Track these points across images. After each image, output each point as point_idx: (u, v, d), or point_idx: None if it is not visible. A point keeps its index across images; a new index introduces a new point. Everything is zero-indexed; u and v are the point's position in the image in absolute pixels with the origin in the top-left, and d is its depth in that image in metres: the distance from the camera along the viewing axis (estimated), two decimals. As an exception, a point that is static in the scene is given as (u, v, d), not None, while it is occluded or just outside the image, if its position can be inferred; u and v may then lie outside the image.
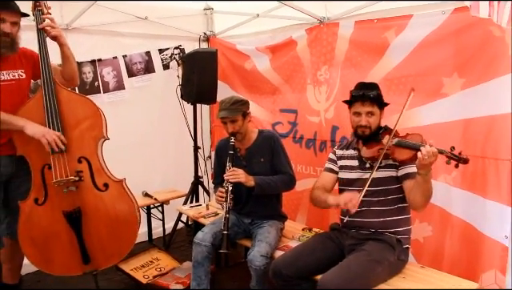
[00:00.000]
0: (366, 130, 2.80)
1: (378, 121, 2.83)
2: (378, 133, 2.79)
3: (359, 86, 2.87)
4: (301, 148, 4.23)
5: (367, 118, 2.78)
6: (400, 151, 2.61)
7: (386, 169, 2.78)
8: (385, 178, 2.78)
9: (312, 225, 3.73)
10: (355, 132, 2.88)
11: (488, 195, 2.93)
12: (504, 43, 2.76)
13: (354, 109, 2.84)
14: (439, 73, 3.11)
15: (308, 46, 4.02)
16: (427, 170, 2.49)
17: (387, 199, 2.79)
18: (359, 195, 2.67)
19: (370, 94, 2.78)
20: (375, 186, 2.78)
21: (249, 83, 4.68)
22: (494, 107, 2.85)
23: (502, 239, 2.83)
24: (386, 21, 3.40)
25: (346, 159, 3.01)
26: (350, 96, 2.88)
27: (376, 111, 2.80)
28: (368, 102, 2.78)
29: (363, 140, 2.86)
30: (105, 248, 3.06)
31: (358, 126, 2.82)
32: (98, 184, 3.03)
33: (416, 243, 3.19)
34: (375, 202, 2.80)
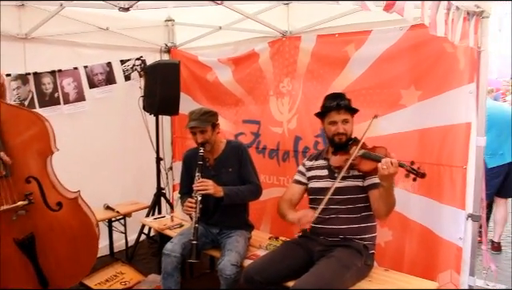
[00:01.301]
0: (343, 137, 2.92)
1: (352, 128, 2.97)
2: (348, 143, 2.92)
3: (331, 96, 3.00)
4: (264, 158, 4.32)
5: (343, 125, 2.91)
6: (364, 163, 2.74)
7: (353, 179, 2.91)
8: (352, 187, 2.90)
9: (276, 233, 3.81)
10: (332, 141, 2.99)
11: (443, 200, 3.11)
12: (455, 59, 2.98)
13: (329, 119, 2.95)
14: (397, 85, 3.29)
15: (270, 59, 4.13)
16: (389, 182, 2.62)
17: (354, 208, 2.90)
18: (314, 213, 2.80)
19: (343, 102, 2.92)
20: (343, 194, 2.90)
21: (211, 95, 4.73)
22: (448, 118, 3.05)
23: (456, 240, 3.01)
24: (346, 35, 3.57)
25: (315, 169, 3.12)
26: (322, 108, 3.00)
27: (350, 119, 2.95)
28: (343, 111, 2.91)
29: (333, 149, 2.99)
30: (64, 269, 2.94)
31: (336, 134, 2.93)
32: (50, 204, 2.86)
33: (378, 248, 3.30)
34: (343, 210, 2.91)
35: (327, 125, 2.97)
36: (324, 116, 2.98)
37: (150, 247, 4.95)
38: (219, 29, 4.48)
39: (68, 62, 4.36)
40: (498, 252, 5.09)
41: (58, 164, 3.07)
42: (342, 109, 2.90)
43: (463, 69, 2.94)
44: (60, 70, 4.29)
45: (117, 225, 4.52)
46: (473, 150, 2.97)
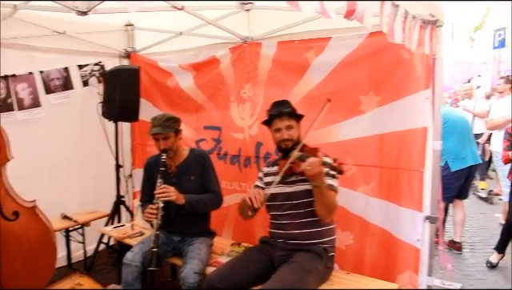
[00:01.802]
0: (289, 142, 2.95)
1: (298, 133, 3.01)
2: (293, 148, 2.95)
3: (274, 105, 3.07)
4: (225, 164, 4.30)
5: (287, 131, 2.96)
6: (300, 165, 2.78)
7: (302, 183, 2.94)
8: (303, 191, 2.93)
9: (238, 240, 3.80)
10: (279, 147, 3.03)
11: (402, 203, 3.19)
12: (412, 65, 3.07)
13: (274, 126, 3.01)
14: (357, 91, 3.36)
15: (232, 65, 4.13)
16: (317, 181, 2.68)
17: (308, 211, 2.92)
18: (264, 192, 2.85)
19: (284, 109, 2.98)
20: (295, 199, 2.95)
21: (172, 101, 4.68)
22: (405, 123, 3.14)
23: (414, 242, 3.09)
24: (306, 42, 3.61)
25: (270, 175, 3.15)
26: (268, 116, 3.05)
27: (294, 124, 2.99)
28: (285, 117, 2.97)
29: (283, 154, 3.02)
30: (21, 281, 2.85)
31: (281, 140, 2.98)
32: (6, 214, 2.78)
33: (339, 251, 3.36)
34: (298, 214, 2.94)
35: (273, 132, 3.03)
36: (270, 124, 3.03)
37: (110, 257, 4.82)
38: (180, 34, 4.44)
39: (22, 66, 4.21)
40: (460, 252, 5.26)
41: (12, 173, 2.96)
42: (284, 116, 2.96)
43: (419, 75, 3.03)
44: (14, 75, 4.14)
45: (75, 235, 4.39)
46: (429, 154, 3.06)
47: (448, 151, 4.93)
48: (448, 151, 4.93)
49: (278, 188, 3.02)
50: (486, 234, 5.94)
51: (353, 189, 3.40)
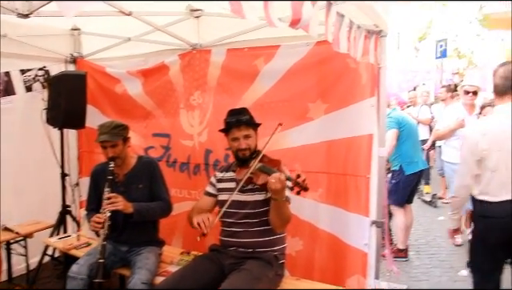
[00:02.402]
0: (246, 152, 2.94)
1: (256, 142, 3.00)
2: (251, 157, 2.95)
3: (231, 113, 3.03)
4: (174, 172, 4.25)
5: (245, 141, 2.94)
6: (260, 176, 2.79)
7: (258, 192, 2.94)
8: (258, 201, 2.94)
9: (188, 248, 3.75)
10: (237, 156, 3.01)
11: (350, 208, 3.25)
12: (358, 74, 3.15)
13: (231, 135, 2.98)
14: (305, 99, 3.41)
15: (181, 72, 4.09)
16: (278, 196, 2.67)
17: (262, 221, 2.93)
18: (213, 219, 2.82)
19: (243, 118, 2.96)
20: (250, 208, 2.95)
21: (120, 107, 4.57)
22: (352, 130, 3.21)
23: (362, 246, 3.15)
24: (255, 50, 3.64)
25: (225, 181, 3.13)
26: (225, 124, 3.02)
27: (252, 133, 2.98)
28: (243, 127, 2.94)
29: (239, 163, 3.01)
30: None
31: (238, 149, 2.95)
32: None
33: (289, 257, 3.39)
34: (252, 223, 2.94)
35: (231, 141, 3.01)
36: (227, 132, 3.01)
37: (55, 269, 4.63)
38: (128, 40, 4.35)
39: (-41, 70, 4.00)
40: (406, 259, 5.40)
41: None
42: (242, 125, 2.94)
43: (365, 83, 3.12)
44: (-51, 80, 3.94)
45: (17, 247, 4.19)
46: (375, 160, 3.13)
47: (402, 154, 5.11)
48: (403, 155, 5.11)
49: (234, 196, 2.98)
50: (430, 236, 6.17)
51: (302, 196, 3.43)
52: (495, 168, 2.75)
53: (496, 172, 2.75)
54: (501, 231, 2.75)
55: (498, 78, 2.84)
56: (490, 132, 2.77)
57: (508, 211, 2.72)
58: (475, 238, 2.96)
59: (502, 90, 2.83)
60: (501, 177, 2.74)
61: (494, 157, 2.74)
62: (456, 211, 3.07)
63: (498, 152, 2.73)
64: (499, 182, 2.75)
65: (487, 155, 2.76)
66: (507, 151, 2.70)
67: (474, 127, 2.98)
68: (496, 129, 2.78)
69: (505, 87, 2.81)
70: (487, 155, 2.76)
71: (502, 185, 2.74)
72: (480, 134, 2.81)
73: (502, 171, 2.73)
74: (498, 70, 2.86)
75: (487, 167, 2.78)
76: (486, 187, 2.81)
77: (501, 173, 2.74)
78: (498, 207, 2.76)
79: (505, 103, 2.83)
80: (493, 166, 2.75)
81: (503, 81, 2.80)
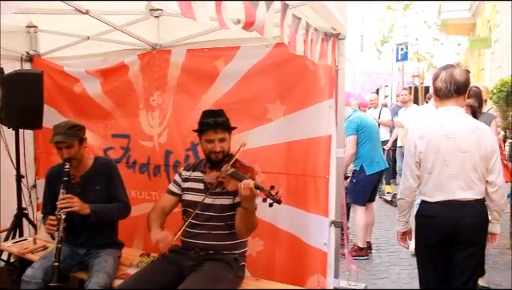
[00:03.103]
0: (220, 155, 2.93)
1: (229, 145, 2.99)
2: (223, 160, 2.93)
3: (207, 114, 2.99)
4: (134, 173, 4.19)
5: (220, 144, 2.92)
6: (231, 182, 2.78)
7: (226, 196, 2.93)
8: (225, 205, 2.94)
9: (149, 250, 3.69)
10: (208, 158, 2.98)
11: (309, 209, 3.28)
12: (317, 75, 3.18)
13: (206, 137, 2.94)
14: (264, 100, 3.42)
15: (140, 72, 4.04)
16: (248, 204, 2.68)
17: (227, 225, 2.93)
18: (172, 238, 2.82)
19: (219, 120, 2.94)
20: (215, 211, 2.94)
21: (78, 107, 4.47)
22: (311, 131, 3.24)
23: (322, 246, 3.19)
24: (215, 51, 3.63)
25: (192, 181, 3.10)
26: (200, 125, 2.98)
27: (227, 136, 2.96)
28: (220, 129, 2.92)
29: (210, 165, 3.00)
30: None
31: (212, 152, 2.93)
32: None
33: (250, 258, 3.39)
34: (215, 226, 2.94)
35: (204, 142, 2.97)
36: (201, 133, 2.98)
37: (10, 275, 4.48)
38: (87, 39, 4.25)
39: None
40: (370, 251, 5.52)
41: None
42: (219, 127, 2.92)
43: (323, 85, 3.15)
44: None
45: (-32, 253, 4.05)
46: (333, 160, 3.18)
47: (363, 155, 5.21)
48: (363, 156, 5.21)
49: (199, 197, 2.97)
50: (391, 234, 6.29)
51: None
52: (431, 170, 2.80)
53: (432, 174, 2.81)
54: (438, 230, 2.83)
55: (441, 82, 2.86)
56: (427, 135, 2.82)
57: (443, 212, 2.80)
58: (417, 236, 3.02)
59: (444, 94, 2.86)
60: (436, 178, 2.81)
61: (430, 159, 2.80)
62: (403, 213, 3.06)
63: (433, 155, 2.79)
64: (434, 183, 2.81)
65: (424, 157, 2.82)
66: (442, 153, 2.77)
67: (413, 130, 3.00)
68: (433, 132, 2.82)
69: (447, 91, 2.84)
70: (424, 157, 2.82)
71: (437, 186, 2.81)
72: (418, 137, 2.85)
73: (437, 173, 2.80)
74: (440, 74, 2.89)
75: (424, 169, 2.84)
76: (423, 187, 2.88)
77: (436, 175, 2.80)
78: (434, 207, 2.84)
79: (444, 107, 2.88)
80: (429, 168, 2.81)
81: (446, 85, 2.84)
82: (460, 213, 2.77)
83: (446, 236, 2.82)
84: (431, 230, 2.87)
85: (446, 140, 2.77)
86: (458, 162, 2.76)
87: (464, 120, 2.86)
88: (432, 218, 2.85)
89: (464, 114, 2.93)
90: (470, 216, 2.78)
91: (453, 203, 2.78)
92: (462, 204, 2.77)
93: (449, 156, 2.77)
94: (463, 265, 2.84)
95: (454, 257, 2.87)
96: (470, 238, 2.80)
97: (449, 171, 2.77)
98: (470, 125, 2.83)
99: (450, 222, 2.78)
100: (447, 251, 2.88)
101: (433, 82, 2.94)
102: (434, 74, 2.96)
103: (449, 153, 2.76)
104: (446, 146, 2.77)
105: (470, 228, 2.79)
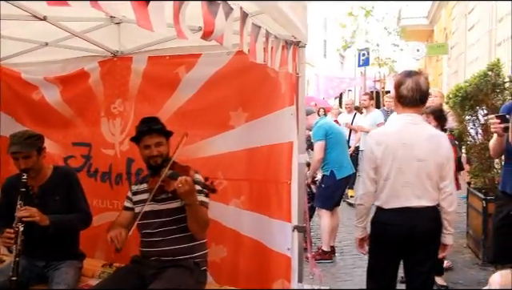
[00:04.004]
0: (158, 159, 2.96)
1: (167, 150, 3.02)
2: (163, 165, 2.95)
3: (144, 121, 3.07)
4: (96, 182, 4.12)
5: (157, 148, 2.96)
6: (170, 183, 2.81)
7: (173, 200, 2.96)
8: (174, 209, 2.95)
9: (111, 260, 3.63)
10: (148, 164, 3.02)
11: (272, 215, 3.31)
12: (278, 83, 3.23)
13: (143, 143, 3.00)
14: (226, 107, 3.44)
15: (101, 79, 3.98)
16: (189, 199, 2.73)
17: (180, 228, 2.94)
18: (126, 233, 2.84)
19: (154, 126, 3.00)
20: (167, 217, 2.95)
21: (37, 115, 4.35)
22: (273, 137, 3.28)
23: (285, 251, 3.21)
24: (177, 58, 3.63)
25: (140, 193, 3.11)
26: (137, 132, 3.02)
27: (163, 141, 3.01)
28: (155, 134, 2.98)
29: (151, 172, 3.01)
30: None
31: (150, 157, 2.97)
32: None
33: (214, 264, 3.41)
34: (169, 231, 2.95)
35: (142, 149, 3.02)
36: (139, 141, 3.02)
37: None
38: (45, 45, 4.16)
39: None
40: (334, 255, 5.59)
41: None
42: (154, 132, 2.97)
43: (284, 92, 3.20)
44: None
45: None
46: (295, 166, 3.21)
47: (333, 160, 5.30)
48: (333, 161, 5.30)
49: (148, 206, 2.98)
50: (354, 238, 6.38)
51: (225, 203, 3.47)
52: (387, 177, 2.83)
53: (387, 181, 2.84)
54: (392, 237, 2.86)
55: (407, 90, 2.85)
56: (384, 142, 2.84)
57: (397, 219, 2.83)
58: (370, 243, 3.05)
59: (410, 102, 2.86)
60: (391, 186, 2.83)
61: (386, 166, 2.82)
62: (361, 218, 3.05)
63: (390, 162, 2.81)
64: (390, 190, 2.84)
65: (381, 164, 2.84)
66: (399, 161, 2.80)
67: (371, 136, 3.02)
68: (391, 139, 2.85)
69: (414, 100, 2.84)
70: (381, 164, 2.84)
71: (392, 193, 2.84)
72: (375, 143, 2.87)
73: (392, 180, 2.82)
74: (405, 81, 2.86)
75: (381, 175, 2.86)
76: (379, 194, 2.89)
77: (391, 182, 2.83)
78: (388, 214, 2.86)
79: (405, 114, 2.89)
80: (385, 174, 2.83)
81: (412, 93, 2.83)
82: (414, 220, 2.81)
83: (400, 243, 2.86)
84: (385, 237, 2.90)
85: (404, 148, 2.80)
86: (414, 170, 2.79)
87: (422, 128, 2.90)
88: (387, 225, 2.87)
89: (423, 122, 2.97)
90: (424, 223, 2.83)
91: (407, 210, 2.81)
92: (417, 211, 2.82)
93: (405, 164, 2.79)
94: (417, 271, 2.92)
95: (409, 263, 2.94)
96: (423, 244, 2.86)
97: (404, 178, 2.80)
98: (428, 133, 2.89)
99: (405, 229, 2.81)
100: (400, 257, 2.94)
101: (396, 89, 2.92)
102: (398, 81, 2.92)
103: (405, 161, 2.79)
104: (402, 153, 2.79)
105: (424, 235, 2.84)
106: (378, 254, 3.00)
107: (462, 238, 5.91)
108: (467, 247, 5.71)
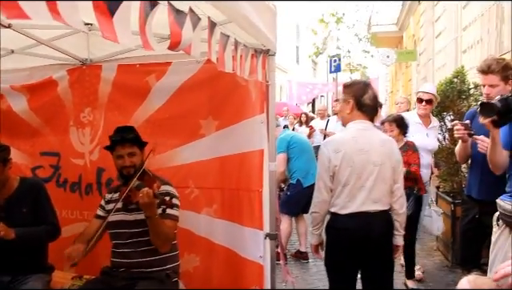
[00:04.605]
0: (131, 169, 2.93)
1: (141, 160, 2.99)
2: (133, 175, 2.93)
3: (117, 130, 3.04)
4: (65, 192, 4.04)
5: (129, 158, 2.94)
6: (136, 194, 2.78)
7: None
8: (143, 219, 2.87)
9: (82, 272, 3.58)
10: (121, 174, 2.99)
11: (244, 223, 3.31)
12: (248, 91, 3.24)
13: (116, 153, 2.97)
14: (197, 115, 3.44)
15: (70, 87, 3.92)
16: (148, 212, 2.72)
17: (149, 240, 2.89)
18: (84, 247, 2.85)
19: (128, 136, 2.97)
20: (137, 227, 2.91)
21: (3, 125, 4.21)
22: (243, 145, 3.29)
23: (258, 259, 3.21)
24: (147, 66, 3.62)
25: (113, 202, 3.06)
26: (110, 141, 3.00)
27: (137, 151, 2.98)
28: (128, 145, 2.95)
29: (123, 181, 2.98)
30: None
31: (123, 167, 2.94)
32: None
33: (187, 274, 3.40)
34: (140, 242, 2.91)
35: (115, 159, 3.00)
36: (112, 150, 3.00)
37: None
38: (11, 52, 4.07)
39: None
40: (307, 261, 5.64)
41: None
42: (126, 142, 2.95)
43: (255, 100, 3.21)
44: None
45: None
46: (266, 174, 3.22)
47: (299, 169, 5.39)
48: (299, 169, 5.39)
49: (119, 216, 2.96)
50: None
51: (197, 212, 3.46)
52: (346, 183, 2.87)
53: (346, 187, 2.88)
54: (349, 242, 2.90)
55: (369, 99, 2.95)
56: (342, 149, 2.88)
57: (353, 224, 2.88)
58: (327, 249, 3.07)
59: (371, 111, 2.98)
60: (349, 191, 2.87)
61: (345, 172, 2.86)
62: (317, 226, 3.06)
63: (350, 168, 2.85)
64: (347, 195, 2.88)
65: (338, 171, 2.87)
66: (357, 166, 2.85)
67: (326, 145, 3.01)
68: (348, 146, 2.89)
69: (374, 108, 2.99)
70: (338, 171, 2.87)
71: (349, 198, 2.88)
72: (332, 151, 2.90)
73: (350, 186, 2.87)
74: (366, 91, 2.96)
75: (338, 182, 2.89)
76: (335, 199, 2.92)
77: (349, 187, 2.87)
78: (344, 219, 2.89)
79: (359, 121, 2.96)
80: (343, 181, 2.87)
81: (374, 102, 2.96)
82: (370, 224, 2.87)
83: (356, 248, 2.90)
84: (342, 242, 2.94)
85: (360, 153, 2.86)
86: (371, 174, 2.86)
87: (375, 134, 3.00)
88: (343, 230, 2.91)
89: (374, 128, 3.05)
90: (379, 226, 2.91)
91: (363, 214, 2.86)
92: (372, 215, 2.88)
93: (362, 169, 2.86)
94: (375, 274, 2.98)
95: (367, 268, 2.99)
96: (379, 247, 2.93)
97: (361, 183, 2.86)
98: (380, 138, 3.00)
99: (362, 233, 2.86)
100: (358, 262, 2.97)
101: (358, 98, 2.96)
102: (360, 90, 2.99)
103: (362, 166, 2.85)
104: (360, 159, 2.86)
105: (380, 238, 2.91)
106: (335, 260, 3.02)
107: (433, 241, 6.03)
108: (437, 250, 5.83)
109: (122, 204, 2.94)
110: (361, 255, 2.93)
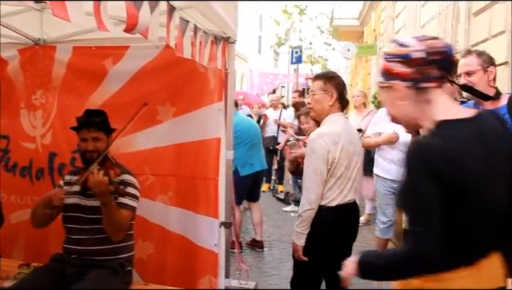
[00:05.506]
0: (94, 154, 2.85)
1: (106, 146, 2.91)
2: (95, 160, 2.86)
3: (85, 113, 2.96)
4: (15, 177, 3.88)
5: (93, 143, 2.86)
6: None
7: None
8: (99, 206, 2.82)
9: (31, 259, 3.48)
10: (84, 157, 2.91)
11: (199, 211, 3.30)
12: (207, 78, 3.22)
13: (81, 135, 2.90)
14: (154, 101, 3.36)
15: (21, 68, 3.76)
16: (102, 199, 2.69)
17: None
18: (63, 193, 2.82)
19: (94, 120, 2.89)
20: (94, 214, 2.84)
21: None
22: (200, 133, 3.26)
23: (212, 247, 3.22)
24: (104, 49, 3.52)
25: (72, 184, 2.98)
26: (77, 123, 2.92)
27: (102, 137, 2.90)
28: (94, 128, 2.87)
29: (85, 165, 2.89)
30: None
31: (86, 151, 2.87)
32: None
33: (141, 262, 3.35)
34: (96, 229, 2.84)
35: (80, 141, 2.93)
36: (78, 132, 2.92)
37: None
38: (-43, 30, 3.89)
39: None
40: (262, 249, 5.69)
41: None
42: (92, 126, 2.87)
43: (213, 88, 3.19)
44: None
45: None
46: (223, 162, 3.22)
47: (237, 157, 5.33)
48: (237, 158, 5.33)
49: (75, 199, 2.89)
50: (283, 231, 6.53)
51: (151, 199, 3.41)
52: (340, 175, 2.89)
53: (339, 179, 2.89)
54: (339, 232, 2.93)
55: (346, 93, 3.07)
56: (339, 141, 2.87)
57: (344, 214, 2.93)
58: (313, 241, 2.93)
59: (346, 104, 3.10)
60: (340, 183, 2.91)
61: (343, 164, 2.88)
62: (306, 225, 2.89)
63: (346, 160, 2.89)
64: (338, 187, 2.91)
65: (337, 163, 2.86)
66: (349, 158, 2.90)
67: (325, 137, 2.89)
68: (343, 138, 2.89)
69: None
70: (337, 163, 2.86)
71: (339, 190, 2.91)
72: (331, 142, 2.85)
73: (343, 178, 2.91)
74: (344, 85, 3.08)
75: (334, 175, 2.88)
76: (327, 192, 2.89)
77: (342, 179, 2.91)
78: (335, 210, 2.90)
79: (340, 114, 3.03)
80: (339, 173, 2.88)
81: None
82: (354, 213, 3.05)
83: (344, 238, 2.98)
84: (332, 233, 2.90)
85: (350, 145, 2.93)
86: (356, 165, 2.97)
87: (351, 125, 3.15)
88: (333, 222, 2.89)
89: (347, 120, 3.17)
90: (357, 216, 3.10)
91: (348, 205, 2.96)
92: (354, 204, 3.02)
93: (351, 160, 2.93)
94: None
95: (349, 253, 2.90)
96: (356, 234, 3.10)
97: (349, 174, 2.94)
98: (355, 130, 3.16)
99: (349, 222, 2.99)
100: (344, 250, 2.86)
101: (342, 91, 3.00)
102: (342, 84, 3.04)
103: (351, 157, 2.93)
104: (351, 151, 2.93)
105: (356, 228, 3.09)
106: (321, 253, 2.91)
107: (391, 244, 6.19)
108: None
109: (80, 188, 2.87)
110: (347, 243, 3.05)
